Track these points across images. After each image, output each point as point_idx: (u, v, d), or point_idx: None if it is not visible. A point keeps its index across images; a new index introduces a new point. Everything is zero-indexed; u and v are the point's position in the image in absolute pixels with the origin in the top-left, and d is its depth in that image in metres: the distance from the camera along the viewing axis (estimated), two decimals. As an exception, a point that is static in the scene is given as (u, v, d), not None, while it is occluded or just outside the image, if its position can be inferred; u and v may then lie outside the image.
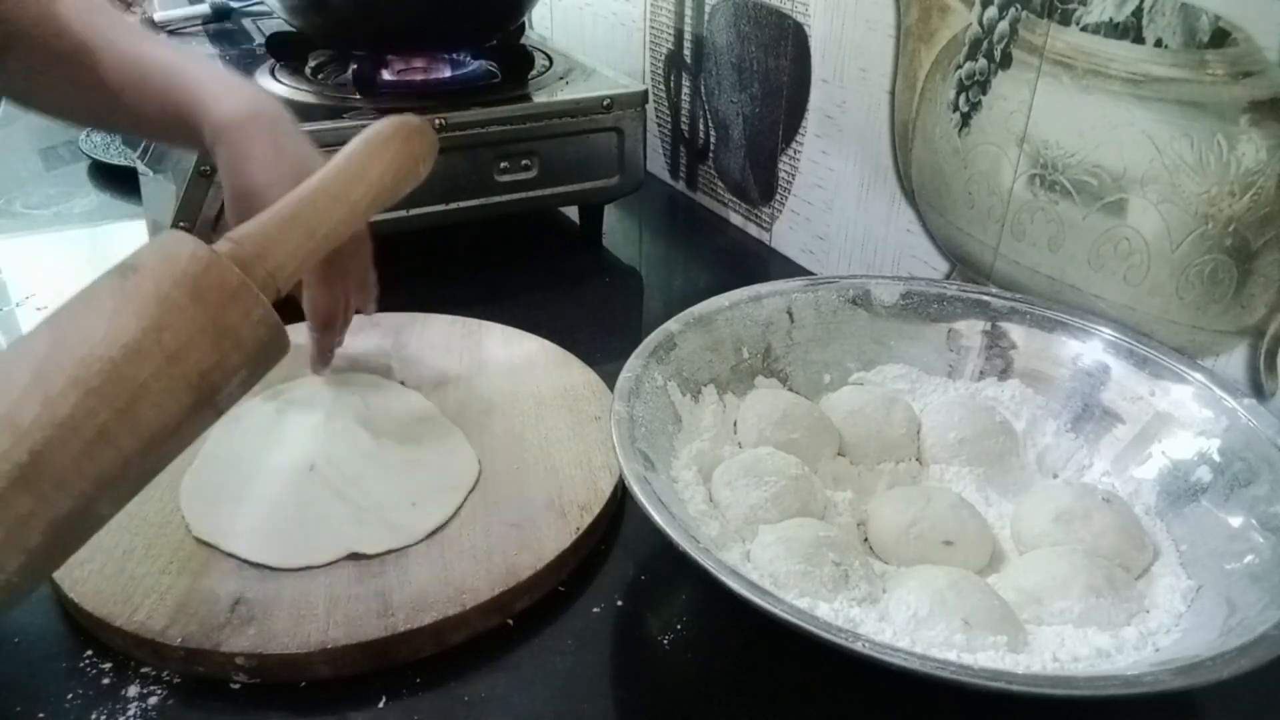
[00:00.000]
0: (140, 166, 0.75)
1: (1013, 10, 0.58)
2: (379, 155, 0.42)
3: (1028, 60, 0.58)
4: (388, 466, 0.53)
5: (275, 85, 0.79)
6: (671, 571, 0.49)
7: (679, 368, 0.53)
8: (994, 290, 0.60)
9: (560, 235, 0.89)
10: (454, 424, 0.57)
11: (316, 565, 0.46)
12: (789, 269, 0.83)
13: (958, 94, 0.63)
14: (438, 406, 0.58)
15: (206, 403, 0.32)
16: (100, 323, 0.29)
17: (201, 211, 0.67)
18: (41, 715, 0.40)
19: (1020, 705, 0.40)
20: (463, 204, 0.76)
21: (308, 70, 0.84)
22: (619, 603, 0.47)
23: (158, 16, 0.96)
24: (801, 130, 0.79)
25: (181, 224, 0.66)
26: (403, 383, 0.61)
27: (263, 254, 0.35)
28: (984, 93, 0.61)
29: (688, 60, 0.92)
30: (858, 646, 0.35)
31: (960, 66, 0.62)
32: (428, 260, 0.79)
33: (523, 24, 0.90)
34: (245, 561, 0.46)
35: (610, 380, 0.53)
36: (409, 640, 0.43)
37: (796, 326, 0.58)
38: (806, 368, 0.58)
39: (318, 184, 0.39)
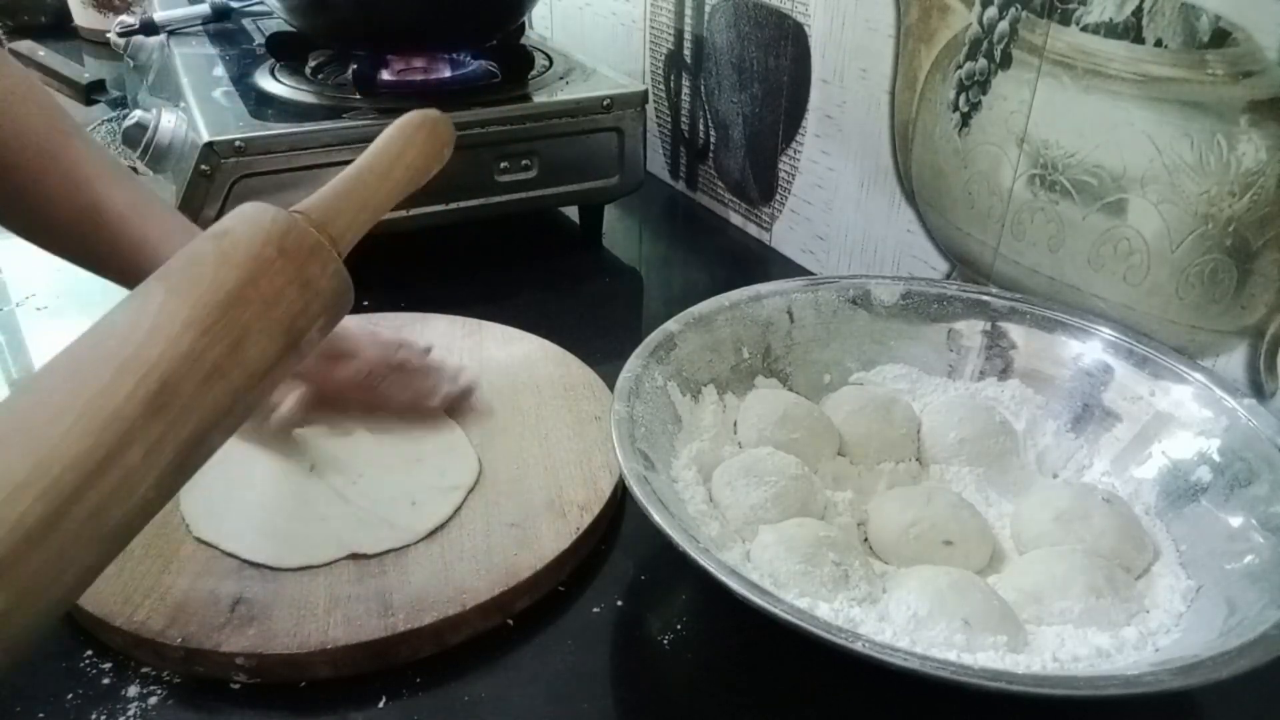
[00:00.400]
0: (140, 167, 0.75)
1: (1013, 10, 0.58)
2: (412, 140, 0.46)
3: (1028, 60, 0.58)
4: (388, 466, 0.53)
5: (275, 85, 0.79)
6: (671, 571, 0.49)
7: (679, 368, 0.53)
8: (994, 290, 0.60)
9: (560, 235, 0.89)
10: (454, 423, 0.57)
11: (316, 565, 0.46)
12: (789, 269, 0.83)
13: (958, 94, 0.63)
14: (438, 406, 0.58)
15: (294, 345, 0.37)
16: (206, 275, 0.34)
17: (202, 211, 0.67)
18: (41, 715, 0.40)
19: (1020, 705, 0.40)
20: (463, 204, 0.76)
21: (308, 70, 0.84)
22: (619, 603, 0.47)
23: (158, 16, 0.96)
24: (801, 130, 0.79)
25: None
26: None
27: (327, 222, 0.39)
28: (984, 93, 0.61)
29: (688, 60, 0.92)
30: (858, 646, 0.35)
31: (960, 66, 0.62)
32: (428, 260, 0.79)
33: (523, 24, 0.90)
34: (245, 561, 0.46)
35: (610, 380, 0.53)
36: (409, 640, 0.43)
37: (796, 326, 0.58)
38: (806, 368, 0.58)
39: (365, 165, 0.43)
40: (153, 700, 0.42)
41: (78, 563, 0.29)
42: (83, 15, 1.36)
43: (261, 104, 0.75)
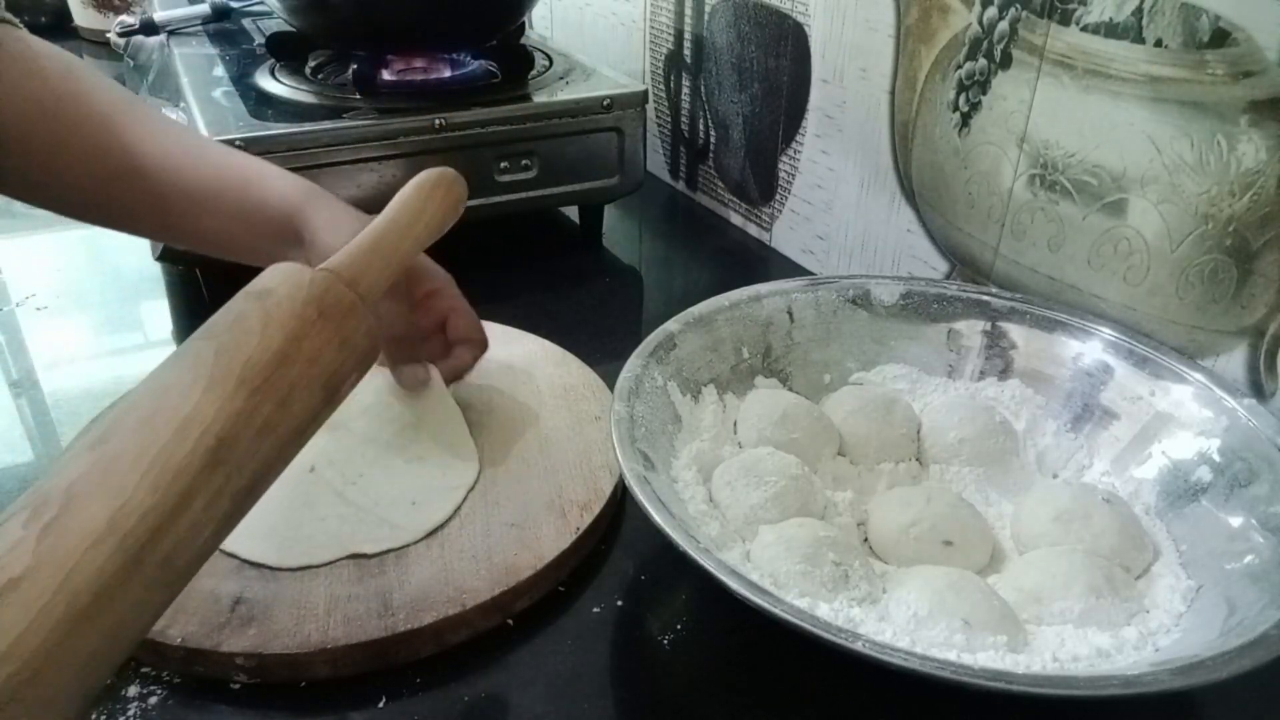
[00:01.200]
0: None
1: (1013, 10, 0.58)
2: (431, 197, 0.48)
3: (1028, 60, 0.58)
4: (388, 466, 0.53)
5: (275, 85, 0.79)
6: (671, 571, 0.49)
7: (679, 368, 0.53)
8: (994, 290, 0.60)
9: (560, 235, 0.89)
10: (456, 422, 0.57)
11: (316, 565, 0.46)
12: (789, 269, 0.83)
13: (958, 94, 0.63)
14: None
15: (331, 400, 0.39)
16: (253, 336, 0.35)
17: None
18: (41, 715, 0.40)
19: (1020, 705, 0.40)
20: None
21: (308, 70, 0.84)
22: (619, 603, 0.47)
23: (158, 16, 0.96)
24: (801, 130, 0.79)
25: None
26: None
27: (356, 279, 0.41)
28: (984, 93, 0.61)
29: (688, 60, 0.92)
30: (858, 646, 0.35)
31: (960, 66, 0.62)
32: (428, 260, 0.79)
33: (523, 24, 0.90)
34: (245, 561, 0.46)
35: (610, 380, 0.53)
36: (409, 640, 0.43)
37: (796, 326, 0.58)
38: (806, 368, 0.58)
39: (388, 221, 0.46)
40: (153, 700, 0.42)
41: (151, 606, 0.31)
42: (83, 15, 1.36)
43: (261, 104, 0.75)
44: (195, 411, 0.33)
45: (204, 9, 0.98)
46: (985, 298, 0.58)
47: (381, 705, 0.42)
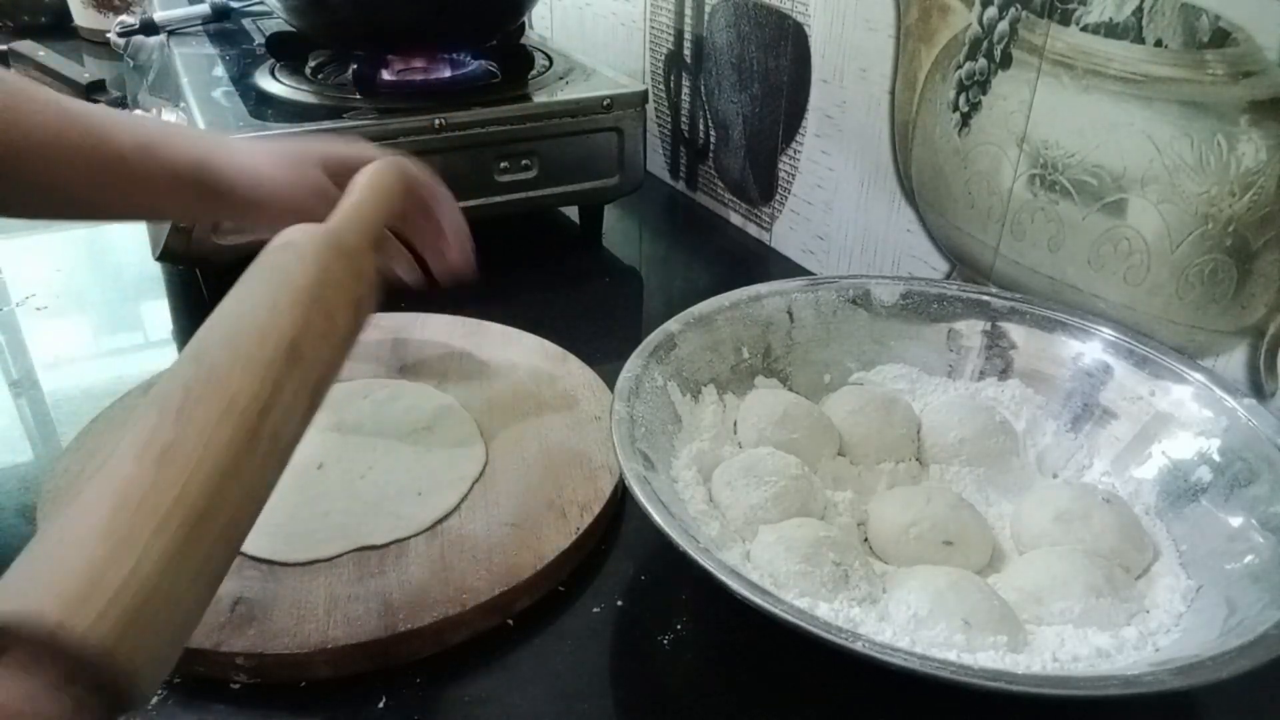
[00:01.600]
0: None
1: (1013, 10, 0.58)
2: (392, 179, 0.53)
3: (1028, 60, 0.58)
4: (396, 458, 0.53)
5: (275, 85, 0.79)
6: (671, 571, 0.49)
7: (679, 368, 0.53)
8: (994, 290, 0.60)
9: (560, 235, 0.89)
10: (465, 414, 0.57)
11: (324, 559, 0.46)
12: (789, 269, 0.83)
13: (958, 94, 0.63)
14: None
15: (359, 319, 0.45)
16: (294, 271, 0.42)
17: (201, 211, 0.67)
18: (41, 715, 0.40)
19: (1020, 705, 0.40)
20: (463, 204, 0.75)
21: (308, 70, 0.84)
22: (619, 603, 0.47)
23: (158, 16, 0.96)
24: (801, 130, 0.79)
25: (180, 224, 0.66)
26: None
27: (352, 232, 0.46)
28: (984, 93, 0.61)
29: (688, 60, 0.92)
30: (858, 646, 0.35)
31: (960, 66, 0.62)
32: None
33: (523, 24, 0.90)
34: (249, 557, 0.46)
35: (610, 380, 0.53)
36: (409, 640, 0.43)
37: (796, 326, 0.58)
38: (806, 368, 0.58)
39: (362, 196, 0.50)
40: (153, 700, 0.42)
41: (271, 472, 0.37)
42: (83, 15, 1.36)
43: (261, 104, 0.75)
44: (271, 323, 0.39)
45: (204, 9, 0.98)
46: (985, 298, 0.58)
47: (381, 705, 0.42)
